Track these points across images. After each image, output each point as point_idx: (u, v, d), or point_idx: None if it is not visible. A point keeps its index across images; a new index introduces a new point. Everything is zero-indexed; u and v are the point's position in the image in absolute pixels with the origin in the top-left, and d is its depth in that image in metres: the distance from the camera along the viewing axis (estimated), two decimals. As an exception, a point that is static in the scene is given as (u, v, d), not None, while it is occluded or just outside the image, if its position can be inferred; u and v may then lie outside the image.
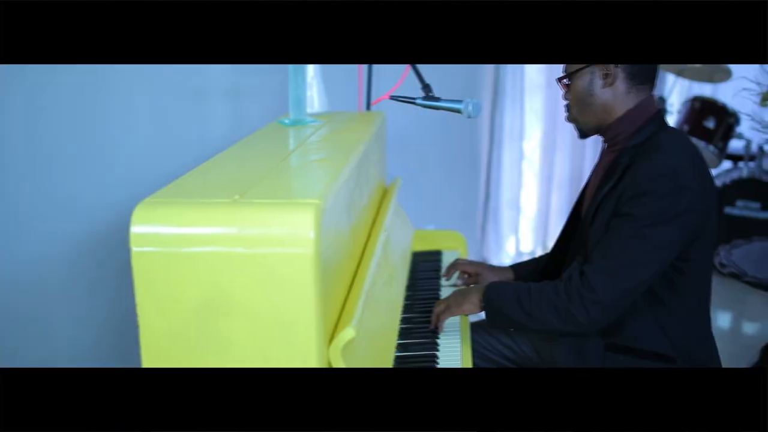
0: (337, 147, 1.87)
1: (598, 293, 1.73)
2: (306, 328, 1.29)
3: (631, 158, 1.81)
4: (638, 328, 1.84)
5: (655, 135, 1.83)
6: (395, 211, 2.27)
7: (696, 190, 1.73)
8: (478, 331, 2.14)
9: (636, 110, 1.86)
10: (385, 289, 1.88)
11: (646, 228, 1.72)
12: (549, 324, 1.79)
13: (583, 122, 1.93)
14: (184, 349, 1.33)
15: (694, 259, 1.81)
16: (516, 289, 1.86)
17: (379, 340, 1.72)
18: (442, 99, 2.04)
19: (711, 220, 1.81)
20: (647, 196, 1.72)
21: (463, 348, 1.90)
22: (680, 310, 1.84)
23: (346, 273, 1.62)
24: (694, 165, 1.78)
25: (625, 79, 1.85)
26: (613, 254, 1.74)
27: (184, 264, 1.28)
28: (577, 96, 1.90)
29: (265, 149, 1.82)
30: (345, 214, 1.59)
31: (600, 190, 1.85)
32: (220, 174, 1.56)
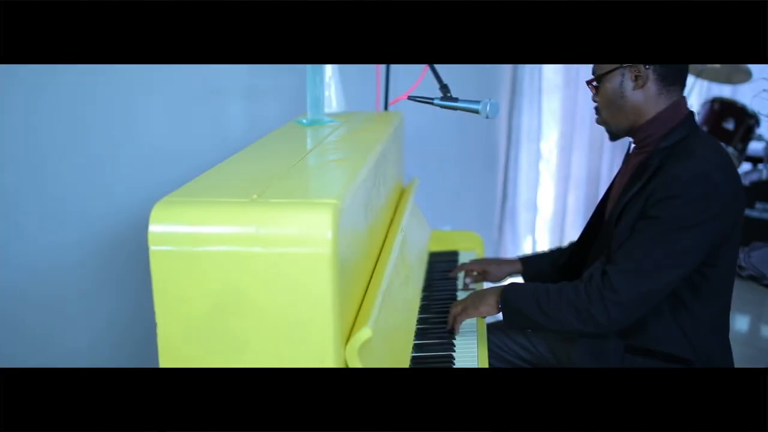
0: (355, 147, 1.87)
1: (620, 294, 1.72)
2: (322, 328, 1.30)
3: (661, 160, 1.79)
4: (660, 331, 1.83)
5: (687, 138, 1.82)
6: (412, 211, 2.27)
7: (726, 197, 1.72)
8: (494, 332, 2.14)
9: (667, 112, 1.85)
10: (401, 290, 1.88)
11: (672, 231, 1.71)
12: (568, 324, 1.78)
13: (614, 124, 1.92)
14: (201, 349, 1.33)
15: (719, 264, 1.80)
16: (534, 290, 1.85)
17: (396, 340, 1.71)
18: (459, 99, 2.04)
19: (737, 227, 1.80)
20: (676, 199, 1.71)
21: (480, 349, 1.90)
22: (703, 315, 1.83)
23: (363, 273, 1.62)
24: (725, 171, 1.76)
25: (656, 81, 1.84)
26: (638, 256, 1.74)
27: (202, 263, 1.29)
28: (607, 98, 1.89)
29: (283, 149, 1.82)
30: (362, 214, 1.59)
31: (627, 191, 1.84)
32: (237, 174, 1.57)
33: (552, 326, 1.82)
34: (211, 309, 1.31)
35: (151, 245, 1.29)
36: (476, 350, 1.89)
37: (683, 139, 1.81)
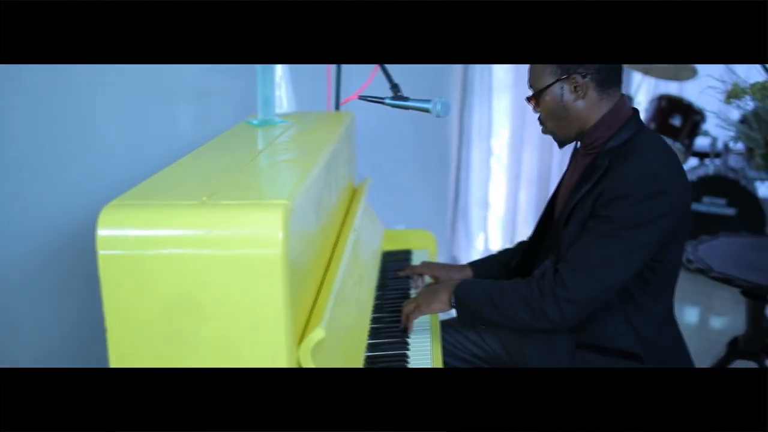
0: (306, 147, 1.87)
1: (572, 291, 1.74)
2: (275, 330, 1.29)
3: (610, 161, 1.81)
4: (610, 327, 1.86)
5: (634, 137, 1.84)
6: (365, 211, 2.27)
7: (674, 195, 1.75)
8: (447, 329, 2.15)
9: (611, 114, 1.87)
10: (355, 289, 1.88)
11: (623, 230, 1.73)
12: (521, 321, 1.80)
13: (561, 134, 1.93)
14: (153, 353, 1.32)
15: (668, 260, 1.83)
16: (487, 287, 1.87)
17: (350, 340, 1.71)
18: (410, 99, 2.05)
19: (686, 223, 1.83)
20: (626, 199, 1.73)
21: (434, 347, 1.91)
22: (652, 310, 1.86)
23: (315, 273, 1.62)
24: (672, 169, 1.79)
25: (595, 88, 1.86)
26: (589, 254, 1.76)
27: (152, 267, 1.27)
28: (549, 111, 1.89)
29: (234, 150, 1.81)
30: (314, 215, 1.59)
31: (576, 191, 1.86)
32: (187, 176, 1.55)
33: (505, 322, 1.83)
34: (162, 313, 1.30)
35: (100, 249, 1.27)
36: (430, 348, 1.90)
37: (630, 139, 1.83)
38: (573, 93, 1.85)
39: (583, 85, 1.84)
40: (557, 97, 1.87)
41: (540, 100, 1.90)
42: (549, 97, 1.87)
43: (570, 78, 1.84)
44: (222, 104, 2.50)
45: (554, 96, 1.87)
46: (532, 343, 1.90)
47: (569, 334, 1.87)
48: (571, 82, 1.84)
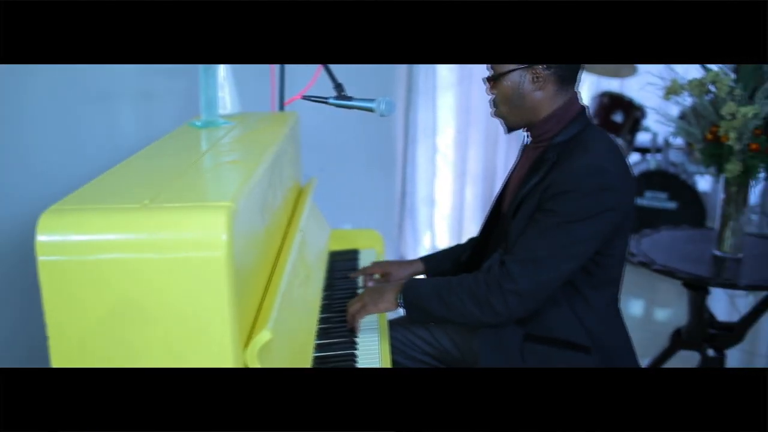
0: (250, 148, 1.85)
1: (518, 283, 1.76)
2: (221, 333, 1.28)
3: (557, 155, 1.84)
4: (556, 319, 1.88)
5: (581, 133, 1.87)
6: (311, 211, 2.26)
7: (619, 190, 1.78)
8: (396, 328, 2.15)
9: (562, 109, 1.89)
10: (301, 290, 1.87)
11: (568, 224, 1.75)
12: (469, 315, 1.81)
13: (511, 119, 1.94)
14: (97, 359, 1.30)
15: (612, 254, 1.86)
16: (434, 283, 1.88)
17: (297, 341, 1.71)
18: (354, 98, 2.05)
19: (630, 217, 1.86)
20: (572, 193, 1.75)
21: (382, 346, 1.91)
22: (597, 302, 1.89)
23: (261, 275, 1.61)
24: (617, 165, 1.82)
25: (555, 82, 1.88)
26: (535, 247, 1.78)
27: (94, 272, 1.25)
28: (505, 95, 1.90)
29: (176, 152, 1.79)
30: (259, 216, 1.58)
31: (524, 184, 1.88)
32: (129, 179, 1.53)
33: (453, 318, 1.84)
34: (105, 318, 1.28)
35: (40, 255, 1.25)
36: (378, 347, 1.90)
37: (578, 134, 1.86)
38: (533, 83, 1.87)
39: (543, 77, 1.86)
40: (516, 84, 1.88)
41: (498, 83, 1.91)
42: (508, 83, 1.89)
43: (533, 68, 1.86)
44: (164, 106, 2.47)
45: (514, 82, 1.88)
46: (481, 338, 1.91)
47: (517, 327, 1.89)
48: (532, 72, 1.86)
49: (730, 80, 2.73)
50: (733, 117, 2.69)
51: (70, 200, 1.35)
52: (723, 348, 3.07)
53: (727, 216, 2.89)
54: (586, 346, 1.88)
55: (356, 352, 1.86)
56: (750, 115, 2.63)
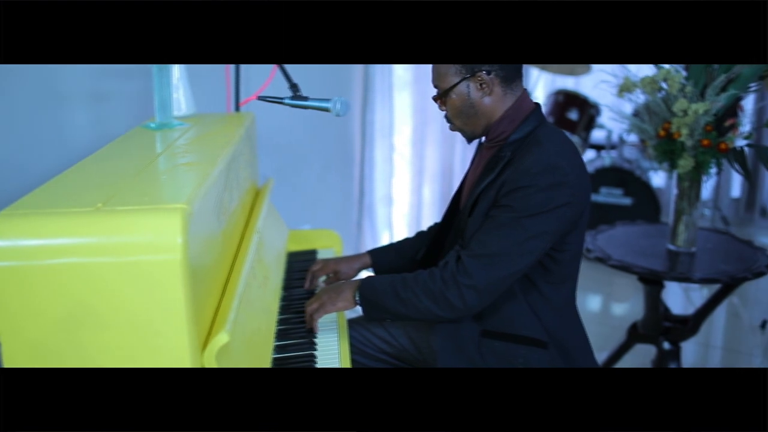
0: (205, 150, 1.84)
1: (474, 278, 1.77)
2: (177, 336, 1.27)
3: (512, 153, 1.85)
4: (513, 314, 1.90)
5: (535, 130, 1.88)
6: (268, 212, 2.25)
7: (573, 186, 1.79)
8: (355, 327, 2.15)
9: (514, 109, 1.91)
10: (260, 292, 1.86)
11: (524, 219, 1.77)
12: (426, 310, 1.82)
13: (469, 130, 1.95)
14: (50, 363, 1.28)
15: (568, 249, 1.88)
16: (391, 280, 1.88)
17: (256, 343, 1.70)
18: (310, 98, 2.04)
19: (585, 213, 1.88)
20: (527, 189, 1.77)
21: (341, 345, 1.91)
22: (554, 297, 1.91)
23: (218, 277, 1.60)
24: (572, 161, 1.84)
25: (500, 84, 1.89)
26: (490, 242, 1.79)
27: (47, 277, 1.24)
28: (457, 109, 1.91)
29: (130, 154, 1.77)
30: (215, 218, 1.57)
31: (480, 182, 1.89)
32: (81, 182, 1.51)
33: (411, 314, 1.85)
34: (59, 324, 1.26)
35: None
36: (337, 347, 1.90)
37: (532, 132, 1.88)
38: (479, 90, 1.88)
39: (488, 82, 1.87)
40: (464, 96, 1.89)
41: (447, 99, 1.92)
42: (456, 96, 1.90)
43: (475, 76, 1.87)
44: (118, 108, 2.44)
45: (461, 94, 1.89)
46: (439, 336, 1.93)
47: (474, 323, 1.91)
48: (476, 80, 1.87)
49: (681, 78, 2.78)
50: (684, 114, 2.73)
51: (21, 204, 1.33)
52: (678, 341, 3.11)
53: (681, 211, 2.94)
54: (542, 341, 1.90)
55: (315, 352, 1.85)
56: (701, 111, 2.68)
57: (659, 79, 2.81)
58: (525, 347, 1.90)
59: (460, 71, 1.87)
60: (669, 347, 3.11)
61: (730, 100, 2.76)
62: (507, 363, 1.90)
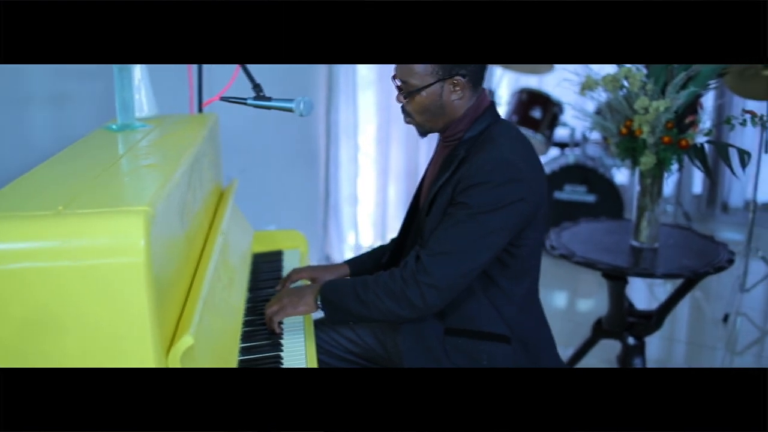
0: (168, 151, 1.82)
1: (433, 276, 1.78)
2: (141, 340, 1.26)
3: (467, 150, 1.87)
4: (475, 311, 1.91)
5: (489, 128, 1.90)
6: (232, 213, 2.24)
7: (528, 181, 1.81)
8: (321, 328, 2.15)
9: (473, 108, 1.92)
10: (225, 294, 1.85)
11: (480, 215, 1.78)
12: (387, 311, 1.82)
13: (429, 126, 1.95)
14: (12, 370, 1.26)
15: (526, 245, 1.89)
16: (352, 282, 1.89)
17: (221, 345, 1.69)
18: (273, 99, 2.03)
19: (542, 207, 1.90)
20: (483, 186, 1.78)
21: (308, 346, 1.90)
22: (513, 293, 1.92)
23: (182, 280, 1.59)
24: (526, 157, 1.86)
25: (471, 86, 1.90)
26: (448, 239, 1.80)
27: (7, 282, 1.22)
28: (424, 106, 1.90)
29: (92, 157, 1.75)
30: (178, 220, 1.56)
31: (437, 181, 1.90)
32: (42, 185, 1.49)
33: (373, 315, 1.85)
34: (20, 330, 1.24)
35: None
36: (304, 348, 1.89)
37: (486, 129, 1.89)
38: (452, 92, 1.88)
39: (462, 85, 1.88)
40: (436, 96, 1.88)
41: (415, 96, 1.90)
42: (426, 95, 1.88)
43: (452, 78, 1.87)
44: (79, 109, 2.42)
45: (433, 94, 1.88)
46: (403, 335, 1.94)
47: (437, 322, 1.92)
48: (452, 82, 1.87)
49: (642, 76, 2.81)
50: (645, 111, 2.76)
51: (-20, 208, 1.31)
52: (643, 335, 3.14)
53: (643, 207, 2.97)
54: (505, 336, 1.92)
55: (281, 353, 1.85)
56: (662, 109, 2.71)
57: (620, 77, 2.84)
58: (489, 343, 1.91)
59: (437, 72, 1.86)
60: (633, 342, 3.14)
61: (690, 98, 2.79)
62: (472, 360, 1.91)
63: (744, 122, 2.81)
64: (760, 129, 3.62)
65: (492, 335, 1.91)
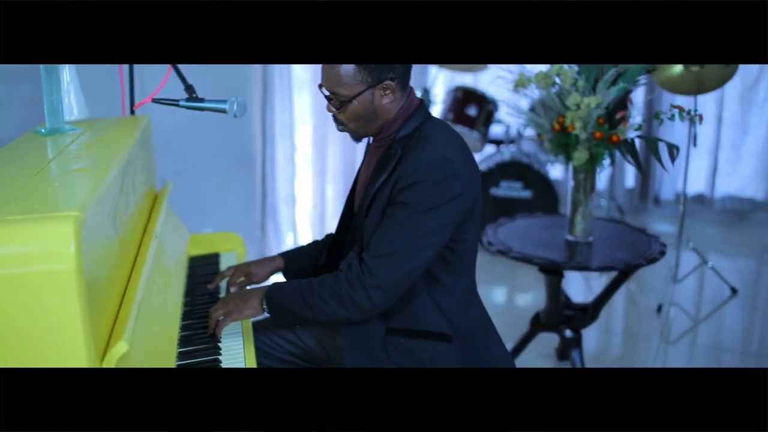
0: (99, 155, 1.79)
1: (379, 278, 1.78)
2: (75, 347, 1.24)
3: (402, 149, 1.87)
4: (419, 309, 1.92)
5: (422, 126, 1.91)
6: (167, 216, 2.21)
7: (464, 177, 1.82)
8: (261, 330, 2.13)
9: (404, 107, 1.93)
10: (160, 298, 1.82)
11: (420, 214, 1.79)
12: (334, 314, 1.82)
13: (363, 132, 1.95)
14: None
15: (465, 239, 1.91)
16: (297, 286, 1.88)
17: (158, 350, 1.67)
18: (206, 100, 2.01)
19: (478, 203, 1.91)
20: (420, 184, 1.79)
21: (247, 349, 1.89)
22: (455, 289, 1.94)
23: (116, 286, 1.56)
24: (460, 153, 1.87)
25: (401, 88, 1.90)
26: (391, 240, 1.80)
27: (-68, 292, 1.18)
28: (356, 114, 1.89)
29: (20, 162, 1.70)
30: (110, 224, 1.53)
31: (373, 182, 1.90)
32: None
33: (319, 318, 1.85)
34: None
35: None
36: (243, 351, 1.87)
37: (419, 127, 1.90)
38: (383, 97, 1.88)
39: (392, 88, 1.88)
40: (367, 102, 1.88)
41: (347, 106, 1.89)
42: (358, 103, 1.87)
43: (382, 84, 1.86)
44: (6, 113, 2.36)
45: (365, 101, 1.87)
46: (345, 335, 1.94)
47: (380, 321, 1.92)
48: (381, 87, 1.87)
49: (574, 73, 2.85)
50: (577, 107, 2.81)
51: None
52: (579, 328, 3.20)
53: (577, 202, 3.02)
54: (447, 335, 1.93)
55: (220, 357, 1.83)
56: (593, 105, 2.76)
57: (552, 74, 2.89)
58: (430, 342, 1.92)
59: (365, 80, 1.85)
60: (571, 335, 3.20)
61: (620, 94, 2.85)
62: (413, 359, 1.91)
63: (672, 117, 2.87)
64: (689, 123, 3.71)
65: (434, 334, 1.92)
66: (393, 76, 1.86)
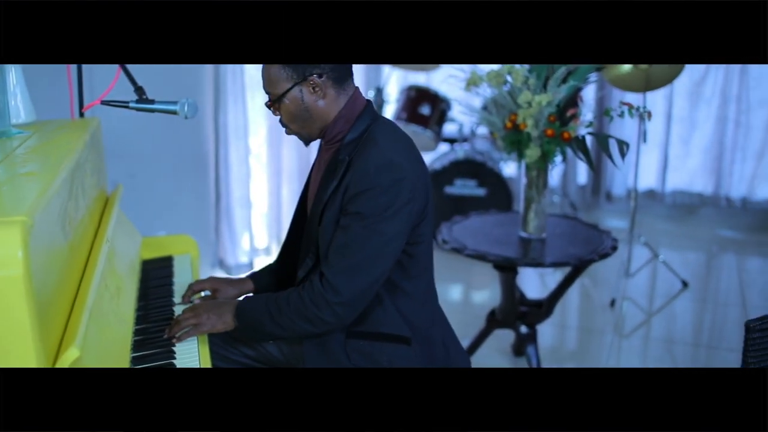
0: (47, 158, 1.77)
1: (342, 294, 1.79)
2: (24, 354, 1.22)
3: (350, 154, 1.86)
4: (379, 314, 1.92)
5: (369, 128, 1.89)
6: (118, 220, 2.18)
7: (413, 179, 1.82)
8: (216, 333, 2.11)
9: (348, 108, 1.91)
10: (113, 303, 1.80)
11: (376, 223, 1.78)
12: (302, 330, 1.85)
13: (306, 134, 1.95)
14: None
15: (420, 241, 1.91)
16: (265, 305, 1.88)
17: (111, 355, 1.64)
18: (156, 101, 1.99)
19: (429, 203, 1.92)
20: (371, 191, 1.78)
21: (202, 352, 1.87)
22: (414, 292, 1.95)
23: (67, 291, 1.54)
24: (407, 154, 1.87)
25: (333, 85, 1.88)
26: (350, 253, 1.80)
27: None
28: (291, 114, 1.90)
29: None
30: (59, 229, 1.50)
31: (324, 188, 1.89)
32: None
33: (288, 335, 1.88)
34: None
35: None
36: (198, 354, 1.86)
37: (366, 130, 1.89)
38: (313, 94, 1.87)
39: (321, 85, 1.87)
40: (298, 100, 1.88)
41: (280, 105, 1.90)
42: (289, 101, 1.88)
43: (307, 80, 1.86)
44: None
45: (294, 99, 1.88)
46: (306, 340, 1.93)
47: (339, 329, 1.92)
48: (309, 84, 1.86)
49: (525, 71, 2.88)
50: (529, 105, 2.83)
51: None
52: (535, 324, 3.23)
53: (530, 199, 3.04)
54: (406, 337, 1.93)
55: (175, 361, 1.81)
56: (544, 103, 2.79)
57: (504, 72, 2.91)
58: (390, 344, 1.92)
59: (291, 76, 1.85)
60: (526, 331, 3.22)
61: (571, 91, 2.88)
62: (373, 362, 1.91)
63: (622, 114, 2.91)
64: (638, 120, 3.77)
65: (393, 337, 1.92)
66: (320, 72, 1.85)
